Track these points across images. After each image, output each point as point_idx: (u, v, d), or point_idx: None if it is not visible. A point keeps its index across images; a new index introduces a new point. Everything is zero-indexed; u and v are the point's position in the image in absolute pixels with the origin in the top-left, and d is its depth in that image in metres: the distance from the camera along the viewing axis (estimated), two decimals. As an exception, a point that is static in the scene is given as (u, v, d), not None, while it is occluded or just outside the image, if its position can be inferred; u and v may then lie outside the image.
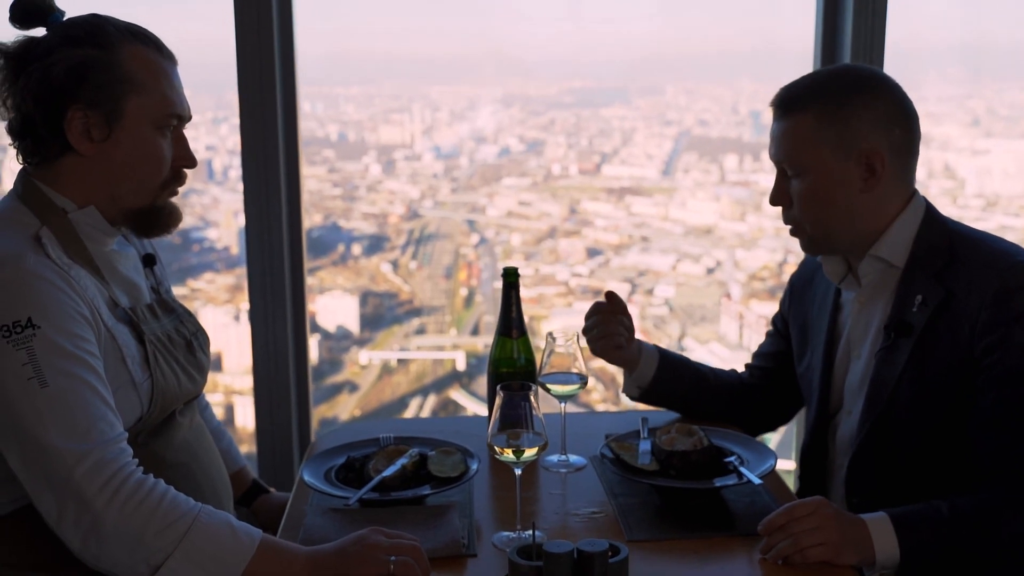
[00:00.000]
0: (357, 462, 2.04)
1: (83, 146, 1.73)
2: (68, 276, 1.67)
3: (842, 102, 1.95)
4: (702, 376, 2.40)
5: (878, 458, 2.00)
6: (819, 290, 2.23)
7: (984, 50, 5.77)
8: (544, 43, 7.13)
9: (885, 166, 1.95)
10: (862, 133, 1.94)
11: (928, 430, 1.94)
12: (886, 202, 1.99)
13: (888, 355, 1.97)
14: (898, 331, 1.95)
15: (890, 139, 1.95)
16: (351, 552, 1.58)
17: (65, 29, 1.75)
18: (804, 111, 1.96)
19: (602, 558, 1.47)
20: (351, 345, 6.65)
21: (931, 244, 1.97)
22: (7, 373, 1.55)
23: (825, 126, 1.95)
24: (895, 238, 1.99)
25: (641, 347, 2.34)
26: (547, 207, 6.92)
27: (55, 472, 1.53)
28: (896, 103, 1.98)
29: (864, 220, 2.00)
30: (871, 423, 1.99)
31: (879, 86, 1.98)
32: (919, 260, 1.97)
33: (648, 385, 2.34)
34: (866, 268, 2.04)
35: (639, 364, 2.33)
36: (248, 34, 2.83)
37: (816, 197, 1.98)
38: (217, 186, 6.35)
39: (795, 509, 1.73)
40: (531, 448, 1.73)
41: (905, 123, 1.98)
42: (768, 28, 6.71)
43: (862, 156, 1.94)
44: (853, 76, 2.00)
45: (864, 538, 1.74)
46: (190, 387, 1.89)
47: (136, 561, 1.52)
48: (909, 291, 1.96)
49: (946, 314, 1.90)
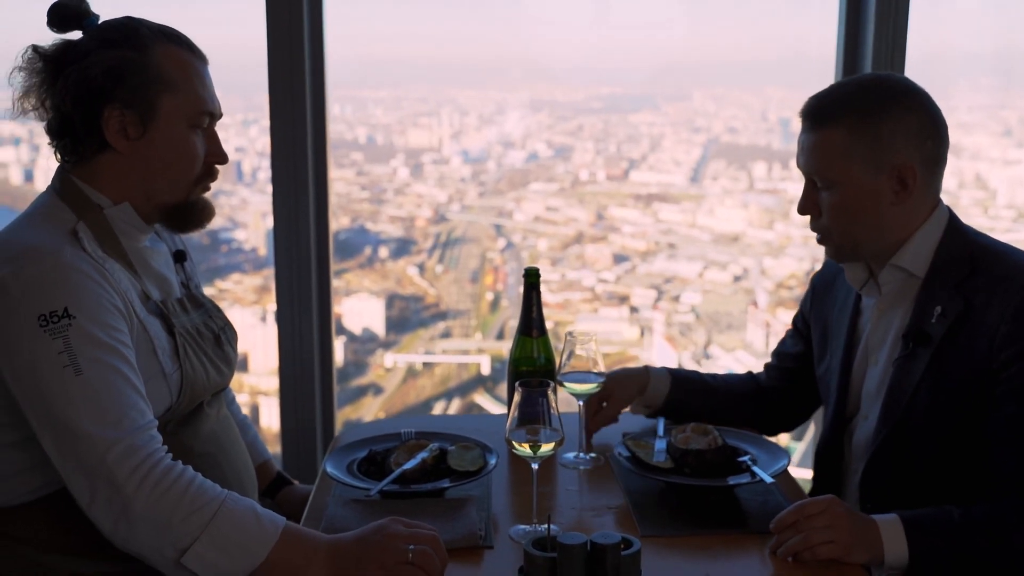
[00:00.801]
0: (379, 455, 2.08)
1: (120, 144, 1.79)
2: (103, 269, 1.73)
3: (875, 116, 1.94)
4: (712, 389, 2.41)
5: (893, 464, 2.01)
6: (840, 293, 2.24)
7: (1016, 60, 5.73)
8: (572, 49, 7.13)
9: (916, 180, 1.95)
10: (895, 148, 1.94)
11: (944, 439, 1.94)
12: (913, 213, 2.00)
13: (906, 364, 1.98)
14: (916, 340, 1.96)
15: (922, 152, 1.95)
16: (371, 540, 1.62)
17: (101, 32, 1.81)
18: (836, 124, 1.95)
19: (615, 550, 1.50)
20: (376, 348, 6.67)
21: (952, 255, 1.98)
22: (43, 361, 1.60)
23: (857, 141, 1.94)
24: (917, 248, 2.00)
25: (648, 371, 2.36)
26: (574, 212, 6.92)
27: (87, 457, 1.58)
28: (928, 115, 1.97)
29: (892, 231, 2.00)
30: (888, 430, 2.00)
31: (912, 98, 1.97)
32: (939, 270, 1.98)
33: (660, 406, 2.36)
34: (887, 277, 2.05)
35: (648, 388, 2.35)
36: (279, 37, 2.87)
37: (846, 210, 1.99)
38: (246, 187, 6.41)
39: (806, 507, 1.75)
40: (548, 443, 1.76)
41: (936, 135, 1.97)
42: (796, 34, 6.70)
43: (895, 170, 1.94)
44: (885, 88, 1.98)
45: (875, 539, 1.75)
46: (218, 379, 1.94)
47: (164, 544, 1.57)
48: (929, 301, 1.96)
49: (966, 325, 1.90)
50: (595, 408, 2.29)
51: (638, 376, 2.35)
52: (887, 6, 2.85)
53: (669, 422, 2.25)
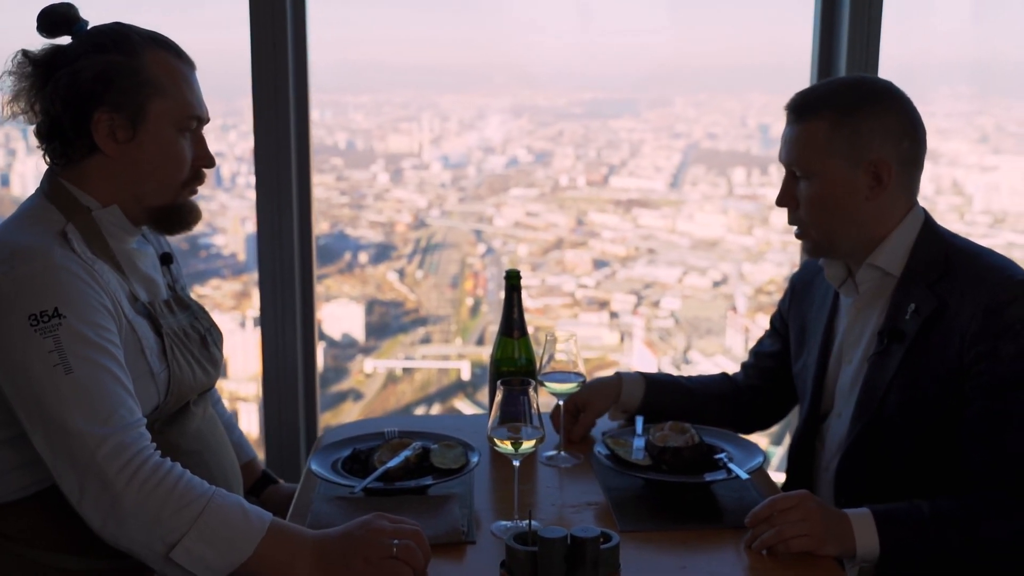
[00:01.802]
0: (363, 454, 2.11)
1: (108, 147, 1.81)
2: (92, 270, 1.75)
3: (855, 112, 2.00)
4: (687, 391, 2.44)
5: (867, 460, 2.05)
6: (819, 292, 2.28)
7: (994, 67, 5.78)
8: (554, 54, 7.14)
9: (892, 176, 2.00)
10: (873, 144, 1.99)
11: (916, 435, 1.99)
12: (889, 211, 2.05)
13: (880, 360, 2.02)
14: (891, 337, 2.00)
15: (899, 151, 2.01)
16: (356, 536, 1.64)
17: (91, 37, 1.83)
18: (818, 118, 2.02)
19: (594, 544, 1.52)
20: (356, 353, 6.65)
21: (927, 255, 2.02)
22: (34, 360, 1.63)
23: (837, 134, 2.00)
24: (893, 247, 2.05)
25: (620, 376, 2.40)
26: (554, 218, 6.93)
27: (78, 454, 1.60)
28: (907, 116, 2.03)
29: (867, 227, 2.05)
30: (861, 426, 2.04)
31: (892, 99, 2.04)
32: (914, 270, 2.02)
33: (636, 409, 2.39)
34: (863, 276, 2.09)
35: (621, 394, 2.39)
36: (263, 42, 2.88)
37: (822, 202, 2.04)
38: (225, 192, 6.38)
39: (779, 502, 1.79)
40: (529, 441, 1.80)
41: (914, 136, 2.03)
42: (777, 42, 6.73)
43: (871, 166, 2.00)
44: (868, 87, 2.06)
45: (846, 532, 1.79)
46: (204, 379, 1.97)
47: (152, 539, 1.59)
48: (903, 300, 2.01)
49: (938, 324, 1.95)
50: (571, 418, 2.33)
51: (611, 384, 2.38)
52: (860, 15, 2.89)
53: (645, 421, 2.28)
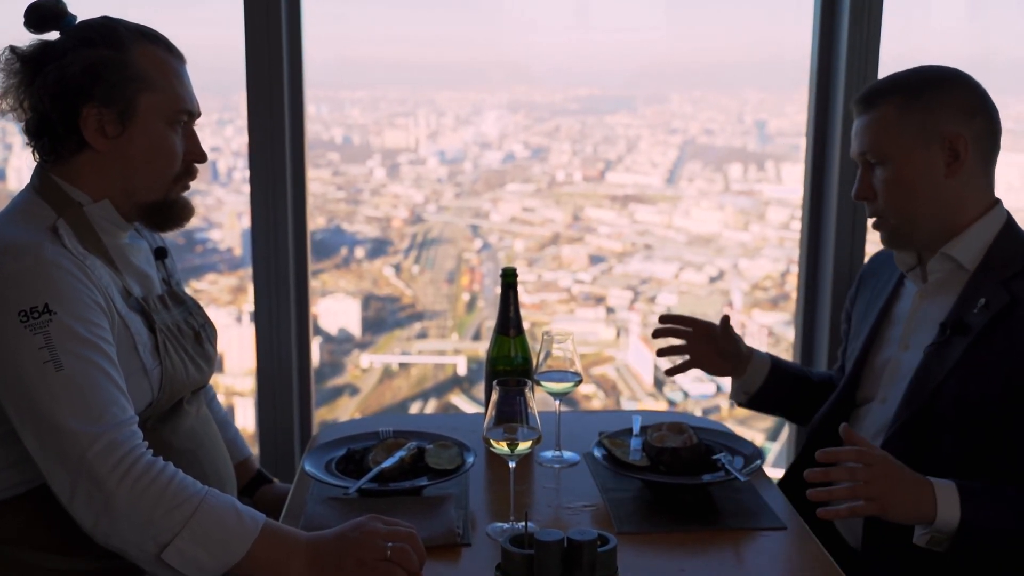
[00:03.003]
0: (357, 454, 2.09)
1: (98, 142, 1.79)
2: (84, 266, 1.73)
3: (923, 93, 2.00)
4: (809, 382, 2.43)
5: (910, 450, 1.96)
6: (881, 280, 2.26)
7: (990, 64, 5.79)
8: (551, 50, 7.15)
9: (968, 152, 1.98)
10: (945, 119, 1.98)
11: (965, 430, 1.93)
12: (968, 195, 2.02)
13: (939, 350, 1.97)
14: (955, 329, 1.96)
15: (971, 127, 1.99)
16: (350, 537, 1.62)
17: (79, 31, 1.81)
18: (886, 103, 2.01)
19: (591, 547, 1.51)
20: (352, 348, 6.66)
21: (1005, 252, 2.00)
22: (24, 356, 1.61)
23: (908, 114, 1.99)
24: (970, 240, 2.02)
25: (752, 355, 2.38)
26: (551, 213, 6.94)
27: (69, 452, 1.58)
28: (976, 94, 2.02)
29: (946, 210, 2.02)
30: (909, 415, 1.98)
31: (959, 79, 2.03)
32: (990, 265, 1.99)
33: (756, 391, 2.38)
34: (935, 265, 2.06)
35: (747, 371, 2.37)
36: (258, 37, 2.87)
37: (901, 184, 2.02)
38: (221, 187, 6.38)
39: (864, 454, 1.74)
40: (525, 441, 1.78)
41: (985, 113, 2.02)
42: (773, 38, 6.73)
43: (945, 140, 1.98)
44: (934, 71, 2.05)
45: (926, 499, 1.74)
46: (197, 376, 1.95)
47: (144, 539, 1.57)
48: (974, 293, 1.97)
49: (1007, 320, 1.90)
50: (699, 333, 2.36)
51: (740, 351, 2.37)
52: (860, 10, 2.88)
53: (642, 422, 2.27)
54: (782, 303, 6.28)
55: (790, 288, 6.19)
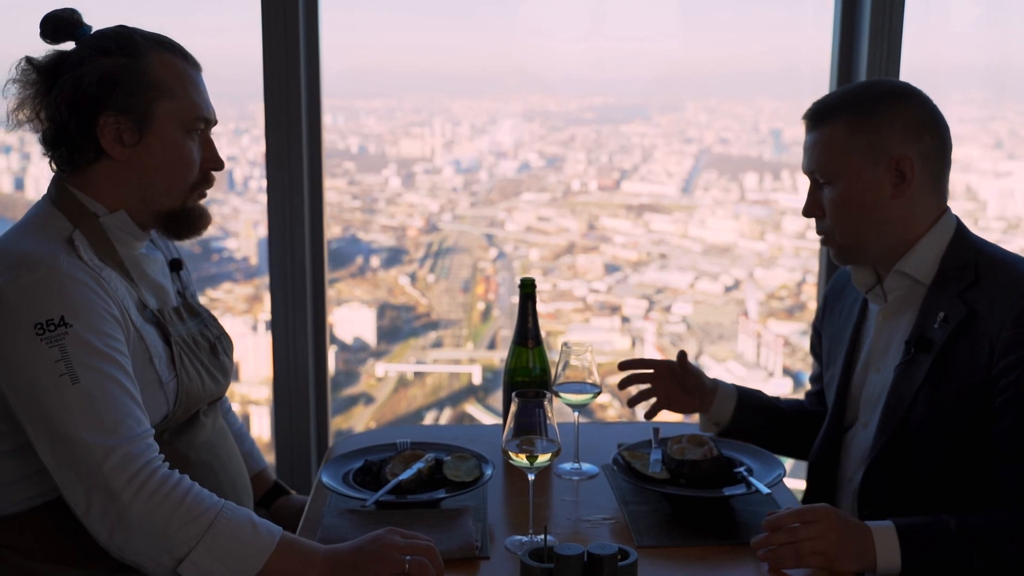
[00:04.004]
0: (374, 466, 2.08)
1: (115, 151, 1.79)
2: (100, 278, 1.72)
3: (872, 110, 1.98)
4: (778, 411, 2.41)
5: (892, 472, 2.00)
6: (847, 301, 2.24)
7: (1007, 72, 5.77)
8: (566, 60, 7.16)
9: (915, 172, 1.97)
10: (892, 140, 1.96)
11: (942, 447, 1.94)
12: (916, 212, 2.01)
13: (907, 370, 1.97)
14: (918, 346, 1.96)
15: (920, 146, 1.97)
16: (368, 551, 1.61)
17: (95, 40, 1.81)
18: (835, 120, 2.00)
19: (611, 561, 1.51)
20: (368, 357, 6.68)
21: (958, 262, 1.98)
22: (40, 369, 1.60)
23: (855, 133, 1.97)
24: (922, 254, 2.01)
25: (718, 387, 2.36)
26: (566, 223, 6.94)
27: (84, 466, 1.58)
28: (926, 112, 2.00)
29: (895, 229, 2.01)
30: (887, 437, 1.99)
31: (909, 96, 2.01)
32: (945, 278, 1.98)
33: (727, 424, 2.36)
34: (892, 283, 2.05)
35: (713, 404, 2.35)
36: (275, 47, 2.87)
37: (847, 204, 2.00)
38: (237, 196, 6.40)
39: (803, 514, 1.75)
40: (544, 454, 1.76)
41: (935, 131, 2.00)
42: (789, 47, 6.73)
43: (892, 161, 1.96)
44: (883, 87, 2.05)
45: (866, 546, 1.76)
46: (213, 388, 1.94)
47: (160, 553, 1.57)
48: (932, 308, 1.96)
49: (967, 333, 1.90)
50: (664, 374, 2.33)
51: (703, 385, 2.35)
52: (882, 20, 2.86)
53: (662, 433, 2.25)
54: (798, 313, 6.26)
55: (806, 298, 6.17)
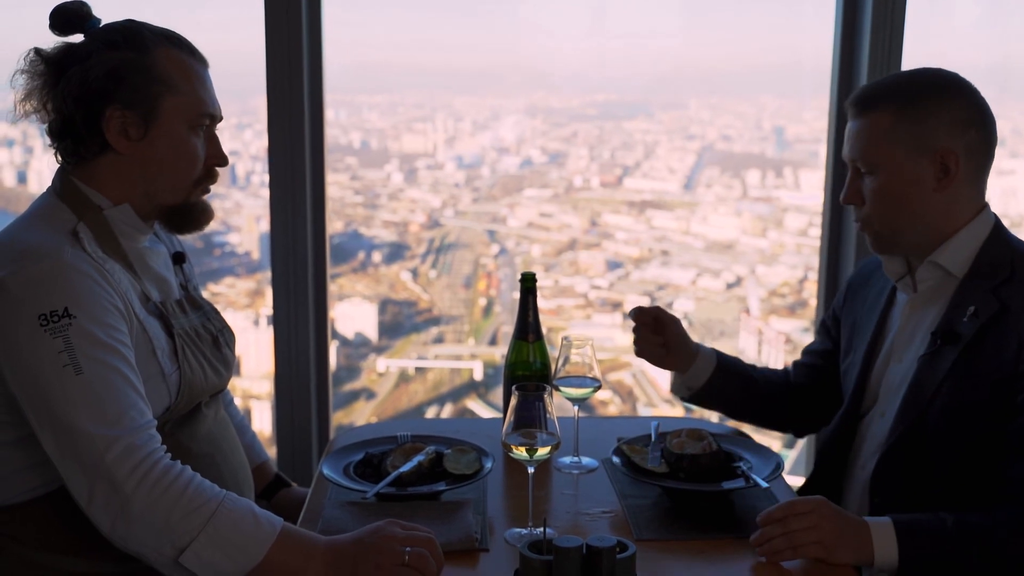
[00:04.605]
0: (375, 458, 2.08)
1: (121, 144, 1.79)
2: (103, 269, 1.73)
3: (919, 102, 1.95)
4: (752, 381, 2.40)
5: (906, 462, 1.98)
6: (873, 291, 2.24)
7: (1009, 71, 5.76)
8: (568, 56, 7.16)
9: (959, 167, 1.95)
10: (938, 133, 1.94)
11: (959, 441, 1.92)
12: (957, 206, 1.99)
13: (931, 360, 1.96)
14: (945, 338, 1.94)
15: (965, 140, 1.95)
16: (368, 542, 1.62)
17: (103, 34, 1.81)
18: (881, 110, 1.97)
19: (610, 554, 1.51)
20: (369, 352, 6.68)
21: (994, 258, 1.97)
22: (43, 360, 1.61)
23: (901, 124, 1.95)
24: (958, 247, 2.00)
25: (698, 349, 2.35)
26: (568, 219, 6.94)
27: (87, 456, 1.59)
28: (975, 106, 1.98)
29: (934, 221, 2.00)
30: (905, 427, 1.97)
31: (958, 88, 1.99)
32: (979, 272, 1.97)
33: (700, 388, 2.36)
34: (924, 274, 2.04)
35: (692, 366, 2.35)
36: (278, 42, 2.88)
37: (888, 195, 1.99)
38: (240, 191, 6.40)
39: (795, 505, 1.76)
40: (544, 447, 1.77)
41: (982, 125, 1.98)
42: (791, 45, 6.72)
43: (937, 155, 1.95)
44: (931, 77, 2.01)
45: (864, 540, 1.76)
46: (215, 381, 1.95)
47: (162, 543, 1.58)
48: (963, 301, 1.95)
49: (997, 328, 1.89)
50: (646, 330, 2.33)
51: (687, 344, 2.35)
52: (883, 17, 2.86)
53: (661, 428, 2.26)
54: (799, 310, 6.26)
55: (807, 295, 6.17)
